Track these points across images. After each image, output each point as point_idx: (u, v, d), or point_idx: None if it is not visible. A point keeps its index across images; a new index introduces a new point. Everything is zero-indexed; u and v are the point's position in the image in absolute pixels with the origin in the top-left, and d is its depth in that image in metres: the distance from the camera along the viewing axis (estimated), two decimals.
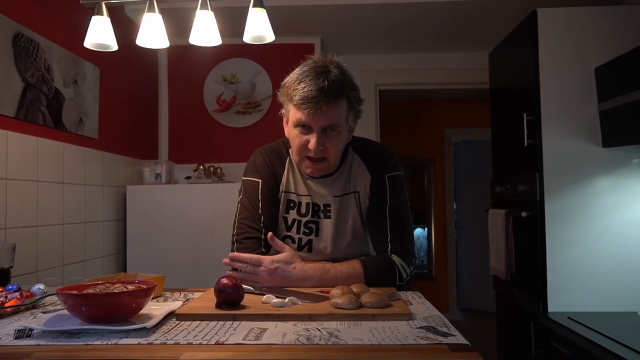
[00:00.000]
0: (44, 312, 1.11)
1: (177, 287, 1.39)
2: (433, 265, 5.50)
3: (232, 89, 3.42)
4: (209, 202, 2.74)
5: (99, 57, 2.41)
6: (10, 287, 1.17)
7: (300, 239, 1.43)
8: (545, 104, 2.17)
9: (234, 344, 0.83)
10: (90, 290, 0.97)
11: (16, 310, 1.09)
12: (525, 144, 2.23)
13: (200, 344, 0.83)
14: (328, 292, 1.15)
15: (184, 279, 2.17)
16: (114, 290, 0.96)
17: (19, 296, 1.12)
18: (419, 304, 1.15)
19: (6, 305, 1.07)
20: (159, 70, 3.44)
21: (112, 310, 0.92)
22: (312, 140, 1.30)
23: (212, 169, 3.01)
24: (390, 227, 1.38)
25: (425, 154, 5.51)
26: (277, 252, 1.33)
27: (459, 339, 0.84)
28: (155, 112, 3.41)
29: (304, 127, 1.32)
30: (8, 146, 1.82)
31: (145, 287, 0.98)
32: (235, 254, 1.32)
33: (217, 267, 2.55)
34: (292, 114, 1.33)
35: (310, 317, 0.99)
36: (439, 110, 5.49)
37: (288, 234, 1.44)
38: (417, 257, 1.42)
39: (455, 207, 5.70)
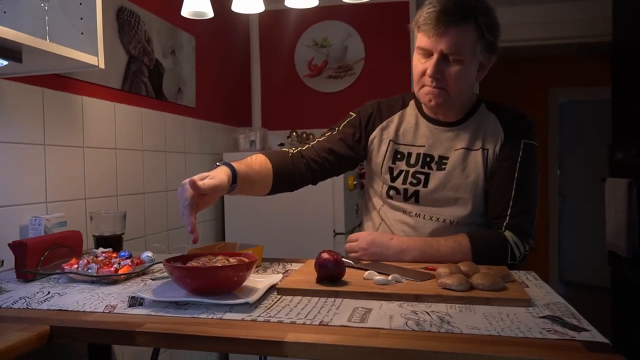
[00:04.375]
0: (152, 279, 1.15)
1: (274, 255, 1.39)
2: None
3: (324, 52, 3.35)
4: None
5: (194, 26, 2.44)
6: (122, 253, 1.23)
7: (406, 190, 1.33)
8: None
9: (339, 326, 0.79)
10: (194, 263, 0.98)
11: (128, 277, 1.15)
12: None
13: (304, 323, 0.80)
14: (434, 270, 1.08)
15: (280, 246, 2.20)
16: (217, 264, 0.96)
17: (130, 263, 1.18)
18: (536, 287, 1.03)
19: (120, 272, 1.13)
20: (250, 37, 3.45)
21: (215, 283, 0.92)
22: (430, 64, 1.21)
23: (304, 135, 3.00)
24: (514, 198, 1.24)
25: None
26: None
27: (594, 335, 0.73)
28: (248, 79, 3.44)
29: (425, 53, 1.23)
30: (116, 117, 1.91)
31: (247, 260, 0.97)
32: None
33: (314, 237, 2.54)
34: (416, 41, 1.25)
35: (416, 298, 0.93)
36: (543, 69, 5.02)
37: (392, 184, 1.35)
38: (534, 237, 1.27)
39: (558, 173, 5.27)
